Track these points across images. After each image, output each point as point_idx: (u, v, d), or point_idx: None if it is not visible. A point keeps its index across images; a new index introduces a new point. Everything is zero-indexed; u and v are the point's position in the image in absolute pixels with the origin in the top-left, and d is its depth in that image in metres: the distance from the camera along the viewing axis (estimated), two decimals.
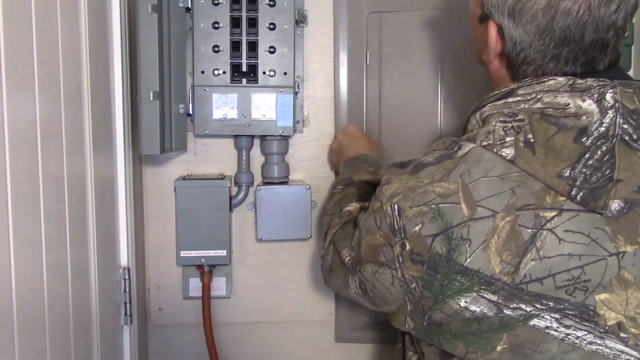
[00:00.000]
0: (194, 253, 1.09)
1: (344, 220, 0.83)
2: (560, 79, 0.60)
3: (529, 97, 0.60)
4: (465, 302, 0.59)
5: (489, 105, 0.64)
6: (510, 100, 0.62)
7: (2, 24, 0.56)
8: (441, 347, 0.65)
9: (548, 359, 0.58)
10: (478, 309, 0.59)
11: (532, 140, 0.58)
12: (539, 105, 0.59)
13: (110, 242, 0.94)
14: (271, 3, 1.05)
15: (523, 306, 0.57)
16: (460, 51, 1.15)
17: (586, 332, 0.57)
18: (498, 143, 0.59)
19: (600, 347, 0.57)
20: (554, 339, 0.58)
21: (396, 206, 0.63)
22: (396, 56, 1.14)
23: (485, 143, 0.60)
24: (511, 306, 0.58)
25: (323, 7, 1.14)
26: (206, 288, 1.12)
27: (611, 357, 0.57)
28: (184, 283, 1.16)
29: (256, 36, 1.06)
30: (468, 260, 0.58)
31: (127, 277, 0.98)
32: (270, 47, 1.06)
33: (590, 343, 0.57)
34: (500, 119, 0.61)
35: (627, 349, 0.57)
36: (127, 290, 0.98)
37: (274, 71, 1.06)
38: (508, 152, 0.58)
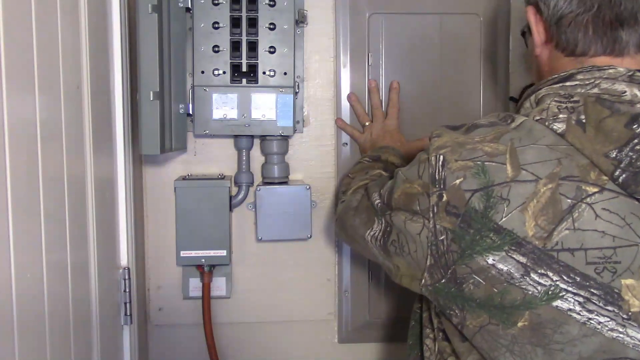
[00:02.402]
0: (194, 253, 1.09)
1: (374, 178, 0.84)
2: (621, 69, 0.62)
3: (587, 82, 0.62)
4: (493, 260, 0.60)
5: (545, 87, 0.66)
6: (567, 84, 0.64)
7: (2, 24, 0.56)
8: (464, 315, 0.65)
9: (567, 341, 0.59)
10: (505, 268, 0.60)
11: (584, 120, 0.59)
12: (596, 90, 0.61)
13: (110, 242, 0.94)
14: (271, 3, 1.05)
15: (550, 274, 0.58)
16: (462, 54, 1.15)
17: (609, 319, 0.57)
18: (551, 118, 0.61)
19: (620, 335, 0.57)
20: (576, 322, 0.58)
21: (441, 157, 0.64)
22: (398, 58, 1.14)
23: (537, 117, 0.62)
24: (539, 271, 0.58)
25: (323, 7, 1.14)
26: (206, 288, 1.12)
27: (630, 346, 0.57)
28: (184, 283, 1.16)
29: (256, 36, 1.06)
30: (504, 219, 0.59)
31: (127, 277, 0.98)
32: (270, 47, 1.06)
33: (612, 330, 0.57)
34: (556, 99, 0.63)
35: None
36: (127, 290, 0.98)
37: (274, 71, 1.06)
38: (559, 126, 0.60)
